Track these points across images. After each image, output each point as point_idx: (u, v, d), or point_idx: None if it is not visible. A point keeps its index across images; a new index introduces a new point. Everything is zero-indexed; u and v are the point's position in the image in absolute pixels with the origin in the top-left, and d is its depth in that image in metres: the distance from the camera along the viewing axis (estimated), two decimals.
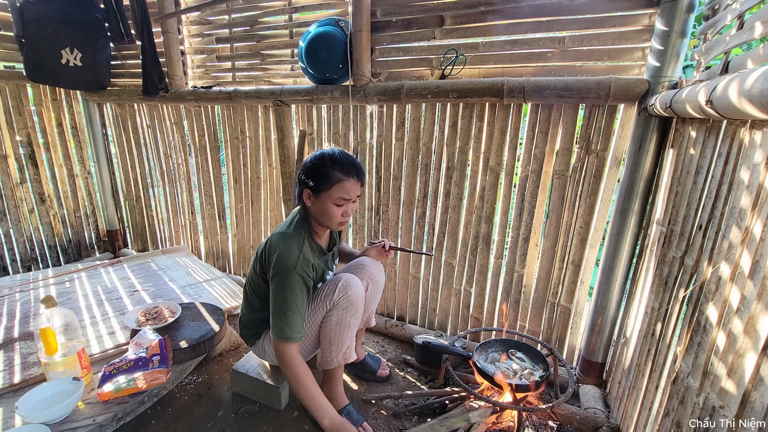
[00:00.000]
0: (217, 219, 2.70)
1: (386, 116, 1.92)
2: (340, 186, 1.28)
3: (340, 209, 1.31)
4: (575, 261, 1.64)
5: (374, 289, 1.57)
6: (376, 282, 1.57)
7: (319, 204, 1.32)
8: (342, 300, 1.35)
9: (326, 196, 1.29)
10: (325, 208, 1.31)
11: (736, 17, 0.96)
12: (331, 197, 1.29)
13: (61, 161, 2.84)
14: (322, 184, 1.29)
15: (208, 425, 1.48)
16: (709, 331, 0.83)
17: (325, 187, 1.29)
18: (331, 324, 1.37)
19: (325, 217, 1.33)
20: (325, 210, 1.31)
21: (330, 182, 1.28)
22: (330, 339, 1.39)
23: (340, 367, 1.45)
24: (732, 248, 0.79)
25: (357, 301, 1.37)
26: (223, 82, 2.38)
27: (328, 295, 1.36)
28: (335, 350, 1.39)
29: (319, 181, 1.29)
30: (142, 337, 1.51)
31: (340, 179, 1.28)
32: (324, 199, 1.30)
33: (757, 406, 0.64)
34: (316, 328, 1.42)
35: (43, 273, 2.46)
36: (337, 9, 1.95)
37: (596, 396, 1.56)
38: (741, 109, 0.66)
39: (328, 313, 1.38)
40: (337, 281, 1.37)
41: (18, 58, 2.48)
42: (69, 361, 1.33)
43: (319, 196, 1.31)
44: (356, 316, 1.39)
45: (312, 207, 1.35)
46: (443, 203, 1.89)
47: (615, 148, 1.50)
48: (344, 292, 1.35)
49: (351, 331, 1.40)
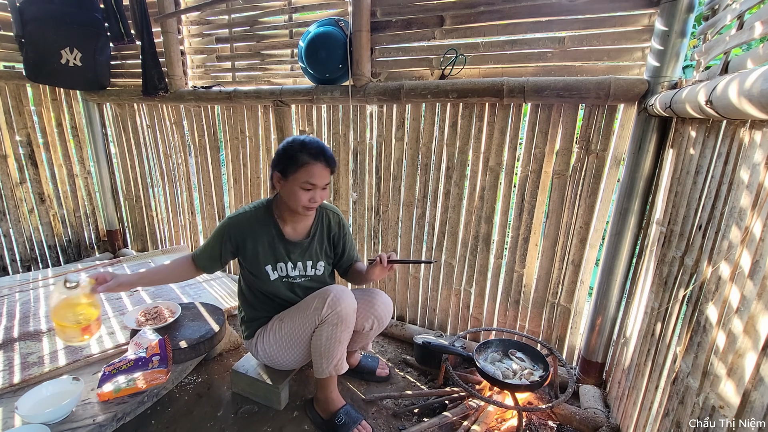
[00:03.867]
0: (217, 219, 2.70)
1: (386, 116, 1.92)
2: (306, 170, 1.30)
3: (307, 194, 1.33)
4: (575, 261, 1.64)
5: (377, 327, 1.55)
6: (382, 322, 1.55)
7: (287, 186, 1.34)
8: (331, 316, 1.34)
9: (293, 180, 1.32)
10: (292, 191, 1.33)
11: (736, 17, 0.96)
12: (298, 180, 1.31)
13: (61, 161, 2.84)
14: (290, 167, 1.32)
15: (208, 425, 1.48)
16: (709, 331, 0.83)
17: (293, 170, 1.31)
18: (321, 339, 1.36)
19: (292, 200, 1.35)
20: (292, 193, 1.33)
21: (297, 165, 1.31)
22: (321, 353, 1.38)
23: (333, 376, 1.45)
24: (732, 248, 0.79)
25: (347, 316, 1.36)
26: (223, 82, 2.38)
27: (317, 309, 1.35)
28: (326, 363, 1.39)
29: (287, 163, 1.32)
30: (142, 337, 1.51)
31: (307, 162, 1.30)
32: (291, 182, 1.32)
33: (757, 406, 0.64)
34: (306, 340, 1.41)
35: (42, 273, 2.46)
36: (337, 9, 1.95)
37: (596, 396, 1.56)
38: (741, 109, 0.66)
39: (318, 328, 1.37)
40: (326, 295, 1.35)
41: (18, 58, 2.48)
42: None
43: (287, 179, 1.33)
44: (347, 331, 1.38)
45: (281, 190, 1.38)
46: (443, 203, 1.89)
47: (615, 148, 1.50)
48: (333, 308, 1.34)
49: (342, 345, 1.39)
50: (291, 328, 1.41)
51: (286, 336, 1.42)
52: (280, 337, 1.43)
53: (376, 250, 2.14)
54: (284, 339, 1.43)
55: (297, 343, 1.42)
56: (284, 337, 1.43)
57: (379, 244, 2.12)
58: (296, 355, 1.46)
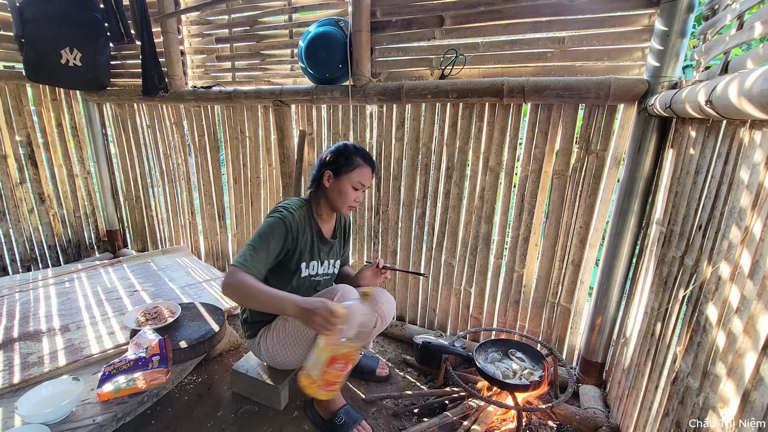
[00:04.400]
0: (217, 219, 2.70)
1: (386, 116, 1.92)
2: (360, 171, 1.42)
3: (354, 194, 1.43)
4: (575, 261, 1.64)
5: (381, 325, 1.57)
6: (385, 320, 1.56)
7: (338, 184, 1.42)
8: None
9: (346, 178, 1.41)
10: (343, 188, 1.41)
11: (736, 17, 0.97)
12: (351, 179, 1.41)
13: (61, 161, 2.84)
14: (345, 166, 1.41)
15: (207, 425, 1.48)
16: (709, 331, 0.83)
17: (348, 170, 1.41)
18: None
19: (341, 197, 1.42)
20: (342, 190, 1.41)
21: (352, 166, 1.41)
22: None
23: None
24: (732, 248, 0.79)
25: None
26: (223, 82, 2.38)
27: None
28: None
29: (342, 163, 1.41)
30: (142, 337, 1.51)
31: (361, 165, 1.42)
32: (344, 180, 1.41)
33: (757, 406, 0.64)
34: (311, 339, 1.41)
35: (42, 273, 2.46)
36: (337, 9, 1.95)
37: (596, 396, 1.56)
38: (741, 109, 0.66)
39: None
40: (334, 294, 1.36)
41: (18, 58, 2.48)
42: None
43: (339, 178, 1.41)
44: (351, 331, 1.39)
45: (330, 187, 1.44)
46: (443, 203, 1.89)
47: (615, 148, 1.50)
48: None
49: None
50: (295, 326, 1.41)
51: (291, 335, 1.42)
52: (285, 336, 1.43)
53: (376, 250, 2.14)
54: (289, 338, 1.42)
55: (301, 342, 1.41)
56: (289, 335, 1.42)
57: (379, 244, 2.12)
58: (300, 354, 1.45)
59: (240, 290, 1.21)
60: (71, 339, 1.73)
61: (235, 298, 1.27)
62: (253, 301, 1.25)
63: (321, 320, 1.13)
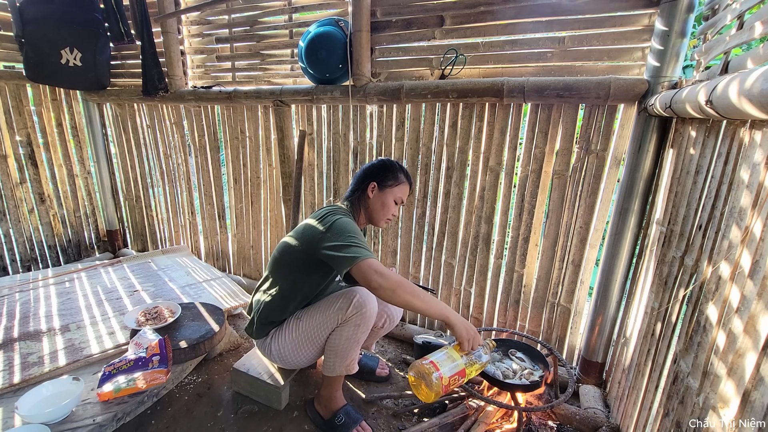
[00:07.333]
0: (217, 219, 2.70)
1: (386, 116, 1.92)
2: (402, 187, 1.49)
3: (394, 208, 1.49)
4: (575, 261, 1.64)
5: (389, 325, 1.61)
6: (394, 320, 1.61)
7: (381, 196, 1.47)
8: (355, 317, 1.34)
9: (390, 192, 1.47)
10: (386, 201, 1.47)
11: (736, 17, 0.97)
12: (394, 193, 1.48)
13: (61, 161, 2.84)
14: (390, 180, 1.47)
15: (208, 425, 1.48)
16: (709, 331, 0.84)
17: (393, 184, 1.47)
18: (341, 339, 1.37)
19: (382, 209, 1.47)
20: (385, 202, 1.47)
21: (397, 181, 1.48)
22: (336, 351, 1.38)
23: (342, 375, 1.45)
24: (732, 248, 0.79)
25: (370, 318, 1.37)
26: (223, 82, 2.38)
27: (341, 309, 1.35)
28: (339, 361, 1.40)
29: (388, 177, 1.47)
30: (142, 337, 1.51)
31: (403, 181, 1.50)
32: (387, 193, 1.47)
33: (757, 406, 0.64)
34: (323, 339, 1.41)
35: (42, 273, 2.46)
36: (337, 9, 1.95)
37: (596, 396, 1.56)
38: (741, 109, 0.66)
39: (339, 327, 1.37)
40: (352, 296, 1.35)
41: (18, 58, 2.48)
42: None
43: (383, 190, 1.47)
44: (366, 332, 1.40)
45: (372, 198, 1.48)
46: (443, 203, 1.89)
47: (615, 148, 1.50)
48: (359, 309, 1.33)
49: (359, 346, 1.40)
50: (309, 326, 1.40)
51: (303, 334, 1.41)
52: (297, 336, 1.42)
53: (376, 250, 2.14)
54: (301, 337, 1.42)
55: (313, 342, 1.41)
56: (301, 335, 1.42)
57: (380, 244, 2.12)
58: (310, 354, 1.45)
59: (403, 285, 1.18)
60: (71, 339, 1.73)
61: (400, 292, 1.18)
62: (417, 299, 1.19)
63: (471, 337, 1.23)
